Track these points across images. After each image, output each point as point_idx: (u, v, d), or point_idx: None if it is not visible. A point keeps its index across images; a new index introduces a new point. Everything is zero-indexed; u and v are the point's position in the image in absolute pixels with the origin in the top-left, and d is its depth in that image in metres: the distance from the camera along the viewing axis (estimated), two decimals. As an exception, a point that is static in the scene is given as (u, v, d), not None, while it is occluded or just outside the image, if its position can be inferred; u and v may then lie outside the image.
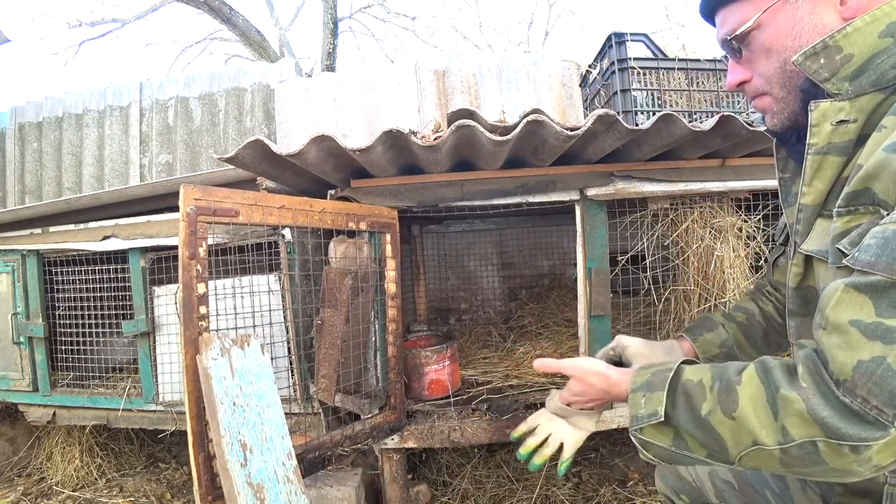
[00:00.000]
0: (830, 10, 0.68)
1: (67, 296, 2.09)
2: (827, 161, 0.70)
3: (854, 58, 0.66)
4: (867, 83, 0.66)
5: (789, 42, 0.71)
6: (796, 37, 0.71)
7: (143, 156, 3.44)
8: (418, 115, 3.04)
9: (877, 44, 0.65)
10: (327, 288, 1.60)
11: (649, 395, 0.74)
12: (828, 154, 0.70)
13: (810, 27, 0.70)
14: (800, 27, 0.70)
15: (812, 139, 0.70)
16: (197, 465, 1.05)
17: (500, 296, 3.11)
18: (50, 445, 2.34)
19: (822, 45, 0.67)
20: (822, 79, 0.68)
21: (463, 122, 1.28)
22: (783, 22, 0.71)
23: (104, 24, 7.40)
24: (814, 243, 0.74)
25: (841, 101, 0.68)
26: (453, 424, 1.64)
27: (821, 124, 0.69)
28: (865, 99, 0.67)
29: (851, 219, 0.63)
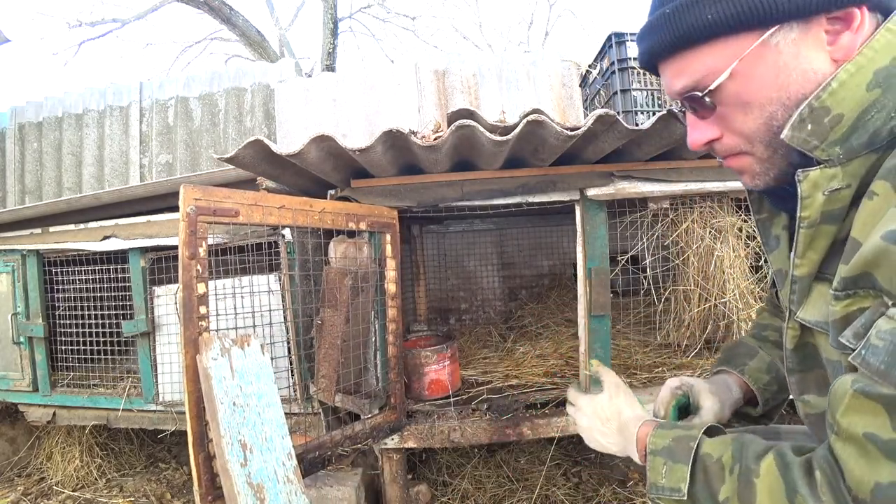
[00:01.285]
0: (818, 52, 0.58)
1: (67, 296, 2.09)
2: (820, 232, 0.63)
3: (844, 118, 0.57)
4: (859, 145, 0.58)
5: (774, 94, 0.60)
6: (782, 87, 0.60)
7: (143, 156, 3.44)
8: (418, 116, 3.04)
9: (865, 98, 0.56)
10: (327, 288, 1.60)
11: (671, 465, 0.70)
12: (822, 224, 0.63)
13: (799, 74, 0.59)
14: (786, 76, 0.59)
15: (804, 212, 0.62)
16: (197, 465, 1.05)
17: (500, 296, 3.11)
18: (50, 445, 2.34)
19: (808, 110, 0.58)
20: (811, 147, 0.60)
21: (463, 122, 1.28)
22: (764, 71, 0.60)
23: (104, 24, 7.40)
24: (812, 313, 0.68)
25: (832, 168, 0.59)
26: (453, 424, 1.64)
27: (812, 195, 0.61)
28: (858, 162, 0.59)
29: (852, 302, 0.57)
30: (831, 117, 0.57)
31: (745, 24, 0.58)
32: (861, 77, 0.56)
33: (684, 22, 0.60)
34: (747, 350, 1.04)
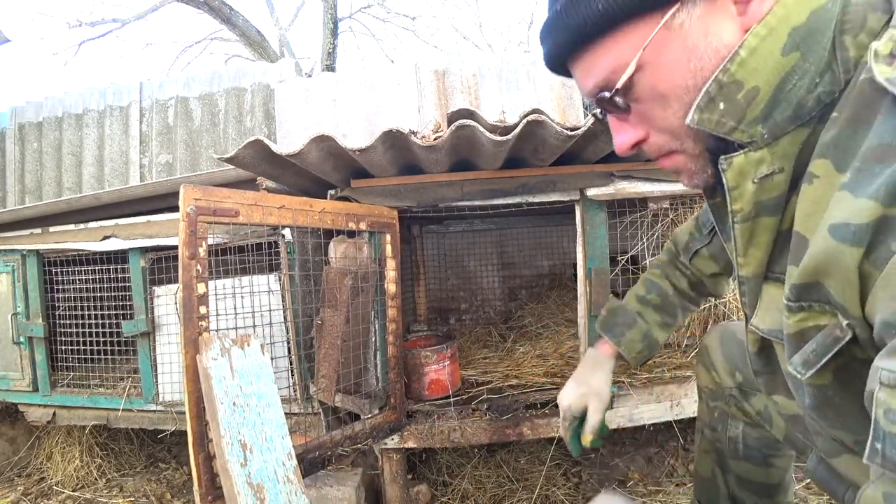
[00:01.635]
0: (729, 24, 0.50)
1: (67, 296, 2.09)
2: (759, 225, 0.56)
3: (760, 91, 0.50)
4: (783, 120, 0.51)
5: (690, 81, 0.53)
6: (696, 71, 0.52)
7: (143, 156, 3.44)
8: (418, 115, 3.04)
9: (782, 64, 0.48)
10: (327, 288, 1.60)
11: None
12: (759, 217, 0.56)
13: (712, 54, 0.51)
14: (697, 58, 0.52)
15: (735, 205, 0.55)
16: (197, 465, 1.05)
17: (500, 296, 3.11)
18: (50, 445, 2.34)
19: (716, 87, 0.50)
20: (727, 130, 0.52)
21: (463, 122, 1.28)
22: (673, 56, 0.52)
23: (104, 24, 7.41)
24: (765, 320, 0.61)
25: (758, 151, 0.52)
26: (453, 424, 1.63)
27: (740, 185, 0.54)
28: (787, 140, 0.51)
29: (806, 317, 0.50)
30: (745, 92, 0.50)
31: (641, 8, 0.51)
32: (774, 41, 0.48)
33: (578, 15, 0.53)
34: (627, 318, 1.12)
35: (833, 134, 0.47)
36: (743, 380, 1.03)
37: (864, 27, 0.46)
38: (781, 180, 0.53)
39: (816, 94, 0.49)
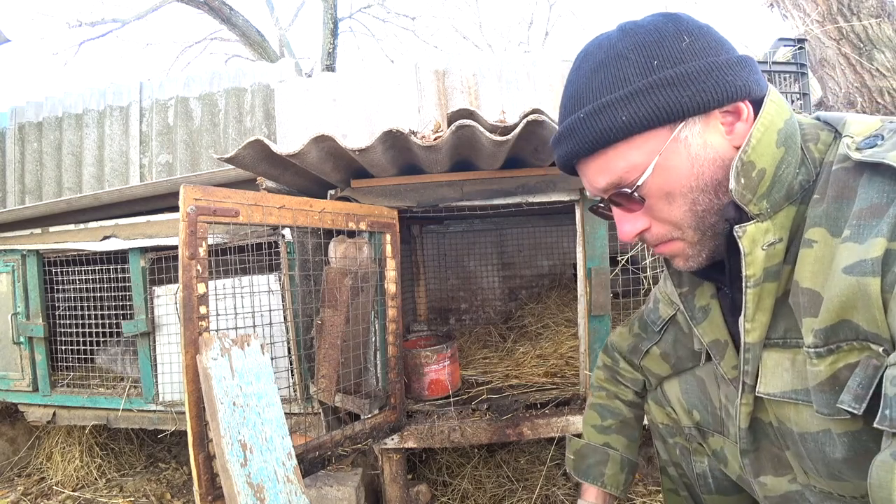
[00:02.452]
0: (721, 140, 0.63)
1: (67, 296, 2.09)
2: (765, 290, 0.64)
3: (766, 172, 0.61)
4: (780, 198, 0.62)
5: (693, 182, 0.64)
6: (699, 176, 0.64)
7: (143, 156, 3.44)
8: (418, 115, 3.04)
9: (776, 154, 0.61)
10: (327, 288, 1.60)
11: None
12: (765, 282, 0.64)
13: (709, 161, 0.63)
14: (699, 164, 0.63)
15: (749, 270, 0.63)
16: (197, 465, 1.05)
17: (500, 296, 3.11)
18: (50, 445, 2.34)
19: (739, 164, 0.61)
20: (746, 201, 0.62)
21: (463, 122, 1.28)
22: (679, 162, 0.63)
23: (104, 24, 7.40)
24: (775, 385, 0.66)
25: (764, 222, 0.62)
26: (453, 424, 1.63)
27: (753, 251, 0.63)
28: (783, 214, 0.63)
29: (836, 359, 0.55)
30: (757, 171, 0.61)
31: (656, 122, 0.62)
32: (770, 135, 0.61)
33: (600, 124, 0.63)
34: (598, 458, 1.10)
35: (823, 208, 0.58)
36: (701, 419, 1.01)
37: (819, 139, 0.63)
38: (781, 249, 0.63)
39: (799, 181, 0.62)
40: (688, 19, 0.64)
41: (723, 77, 0.61)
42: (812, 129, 0.64)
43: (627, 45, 0.63)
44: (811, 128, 0.65)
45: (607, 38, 0.66)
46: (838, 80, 2.49)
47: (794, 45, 1.97)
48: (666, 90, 0.61)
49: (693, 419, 1.03)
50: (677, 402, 1.06)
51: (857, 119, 0.61)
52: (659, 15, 0.65)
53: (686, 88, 0.61)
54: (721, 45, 0.63)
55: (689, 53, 0.61)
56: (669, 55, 0.61)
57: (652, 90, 0.61)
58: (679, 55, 0.61)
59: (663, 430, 1.12)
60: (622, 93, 0.62)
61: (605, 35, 0.67)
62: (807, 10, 2.51)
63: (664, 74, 0.61)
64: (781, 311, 0.64)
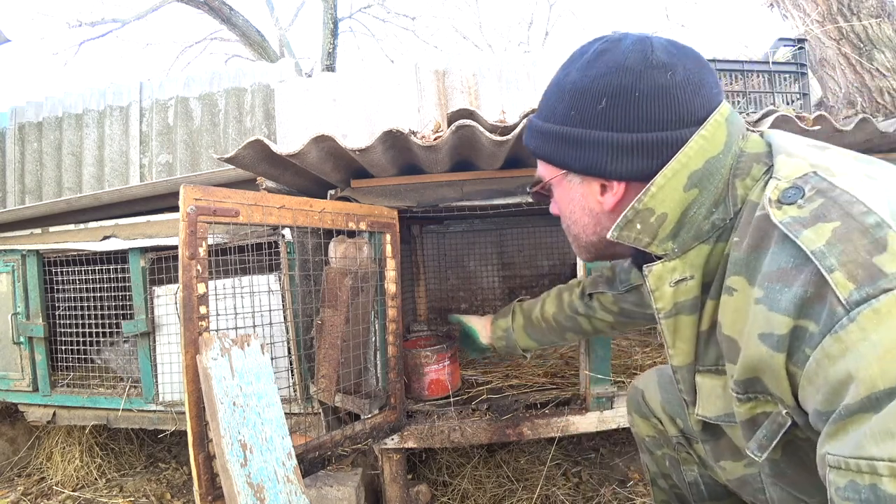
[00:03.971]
0: (595, 198, 0.72)
1: (67, 296, 2.09)
2: (681, 321, 0.70)
3: (668, 216, 0.66)
4: (689, 238, 0.66)
5: (567, 212, 0.78)
6: (574, 212, 0.77)
7: (143, 156, 3.44)
8: (418, 115, 3.04)
9: (683, 198, 0.65)
10: (327, 288, 1.60)
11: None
12: (679, 314, 0.70)
13: (584, 208, 0.75)
14: (576, 205, 0.75)
15: (658, 304, 0.70)
16: (197, 465, 1.05)
17: (500, 296, 3.11)
18: (50, 445, 2.34)
19: (632, 213, 0.67)
20: (645, 244, 0.69)
21: (463, 122, 1.28)
22: (564, 193, 0.77)
23: (104, 24, 7.40)
24: (710, 409, 0.72)
25: (671, 261, 0.68)
26: (453, 424, 1.63)
27: (660, 287, 0.69)
28: (693, 253, 0.66)
29: (754, 406, 0.62)
30: (657, 216, 0.66)
31: (552, 162, 0.75)
32: (677, 180, 0.64)
33: (533, 140, 0.78)
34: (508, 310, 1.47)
35: (740, 256, 0.60)
36: (685, 427, 1.05)
37: (750, 174, 0.64)
38: (694, 285, 0.67)
39: (712, 221, 0.65)
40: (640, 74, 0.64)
41: (598, 155, 0.68)
42: (747, 162, 0.64)
43: (576, 79, 0.70)
44: (749, 159, 0.65)
45: (577, 59, 0.72)
46: (838, 80, 2.49)
47: (794, 45, 1.97)
48: (563, 142, 0.71)
49: (678, 427, 1.07)
50: (661, 411, 1.11)
51: (789, 156, 0.60)
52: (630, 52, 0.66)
53: (571, 149, 0.70)
54: (644, 118, 0.65)
55: (593, 119, 0.68)
56: (582, 114, 0.68)
57: (559, 136, 0.72)
58: (586, 118, 0.68)
59: (650, 442, 1.16)
60: (548, 125, 0.74)
61: (586, 50, 0.72)
62: (807, 10, 2.51)
63: (569, 129, 0.70)
64: (712, 341, 0.68)
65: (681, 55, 0.66)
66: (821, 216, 0.51)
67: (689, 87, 0.64)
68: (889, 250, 0.46)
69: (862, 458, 0.44)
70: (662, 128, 0.65)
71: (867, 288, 0.46)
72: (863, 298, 0.46)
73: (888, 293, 0.45)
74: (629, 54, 0.66)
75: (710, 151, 0.63)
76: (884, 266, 0.46)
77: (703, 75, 0.66)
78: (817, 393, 0.50)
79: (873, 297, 0.45)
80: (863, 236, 0.48)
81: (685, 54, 0.66)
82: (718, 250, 0.65)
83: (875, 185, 0.52)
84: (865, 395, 0.45)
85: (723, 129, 0.64)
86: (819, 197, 0.53)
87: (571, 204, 0.76)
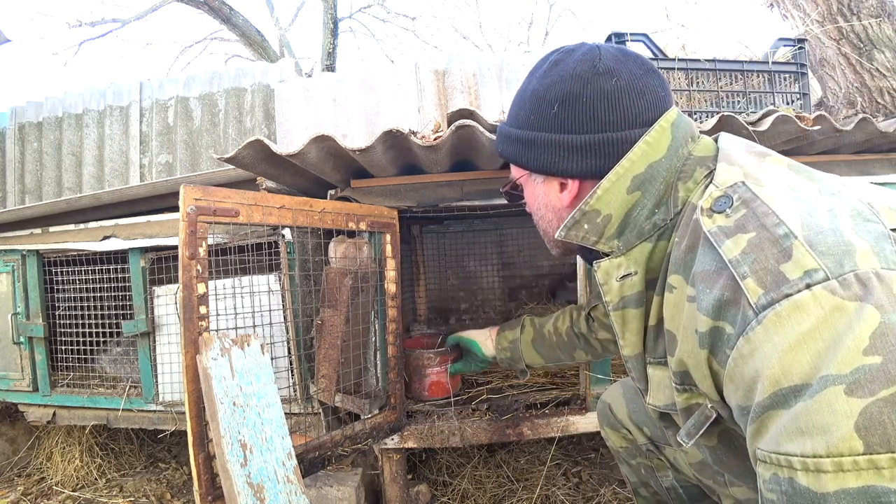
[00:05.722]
0: (556, 194, 0.78)
1: (67, 296, 2.09)
2: (628, 314, 0.74)
3: (613, 217, 0.71)
4: (632, 236, 0.71)
5: (535, 209, 0.85)
6: (539, 207, 0.83)
7: (143, 156, 3.44)
8: (418, 116, 3.04)
9: (627, 200, 0.70)
10: (327, 288, 1.60)
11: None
12: (626, 308, 0.74)
13: (544, 205, 0.82)
14: (540, 201, 0.82)
15: (606, 297, 0.75)
16: (197, 465, 1.05)
17: (500, 296, 3.11)
18: (50, 445, 2.34)
19: (579, 214, 0.73)
20: (591, 243, 0.74)
21: (463, 122, 1.28)
22: (531, 192, 0.84)
23: (104, 24, 7.40)
24: (658, 398, 0.76)
25: (617, 258, 0.72)
26: (453, 425, 1.63)
27: (608, 282, 0.74)
28: (637, 251, 0.71)
29: (689, 396, 0.66)
30: (602, 217, 0.72)
31: (517, 163, 0.82)
32: (620, 184, 0.69)
33: (498, 145, 0.87)
34: (516, 323, 1.43)
35: (679, 255, 0.64)
36: (651, 434, 1.10)
37: (692, 177, 0.68)
38: (637, 280, 0.72)
39: (653, 221, 0.70)
40: (587, 81, 0.71)
41: (552, 155, 0.74)
42: (692, 166, 0.69)
43: (535, 87, 0.76)
44: (694, 163, 0.69)
45: (538, 68, 0.79)
46: (838, 80, 2.49)
47: (794, 45, 1.97)
48: (524, 145, 0.78)
49: (646, 434, 1.14)
50: (629, 421, 1.16)
51: (729, 164, 0.64)
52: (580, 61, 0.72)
53: (530, 151, 0.77)
54: (591, 121, 0.71)
55: (548, 123, 0.74)
56: (539, 118, 0.75)
57: (521, 139, 0.79)
58: (542, 122, 0.75)
59: (624, 453, 1.21)
60: (513, 130, 0.81)
61: (545, 60, 0.78)
62: (807, 10, 2.50)
63: (529, 133, 0.77)
64: (660, 335, 0.71)
65: (627, 62, 0.71)
66: (741, 227, 0.56)
67: (633, 91, 0.70)
68: (793, 259, 0.50)
69: (780, 453, 0.47)
70: (608, 129, 0.70)
71: (772, 293, 0.50)
72: (769, 302, 0.50)
73: (789, 298, 0.48)
74: (578, 63, 0.72)
75: (653, 156, 0.69)
76: (788, 273, 0.50)
77: (647, 80, 0.71)
78: (737, 390, 0.54)
79: (777, 301, 0.49)
80: (773, 246, 0.52)
81: (631, 61, 0.72)
82: (661, 248, 0.70)
83: (793, 197, 0.56)
84: (771, 391, 0.49)
85: (667, 135, 0.69)
86: (742, 207, 0.57)
87: (537, 202, 0.83)
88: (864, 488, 0.42)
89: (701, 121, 1.81)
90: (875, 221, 0.52)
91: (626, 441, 1.18)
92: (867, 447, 0.42)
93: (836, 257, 0.49)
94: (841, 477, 0.43)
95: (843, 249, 0.49)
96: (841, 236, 0.50)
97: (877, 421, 0.43)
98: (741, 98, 1.90)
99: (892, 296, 0.46)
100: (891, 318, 0.45)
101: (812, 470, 0.45)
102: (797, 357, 0.47)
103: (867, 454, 0.42)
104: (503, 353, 1.43)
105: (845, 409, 0.44)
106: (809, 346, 0.47)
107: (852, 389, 0.44)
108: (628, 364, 0.82)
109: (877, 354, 0.44)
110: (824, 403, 0.45)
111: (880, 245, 0.49)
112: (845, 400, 0.44)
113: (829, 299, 0.47)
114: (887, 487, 0.41)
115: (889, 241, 0.50)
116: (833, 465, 0.44)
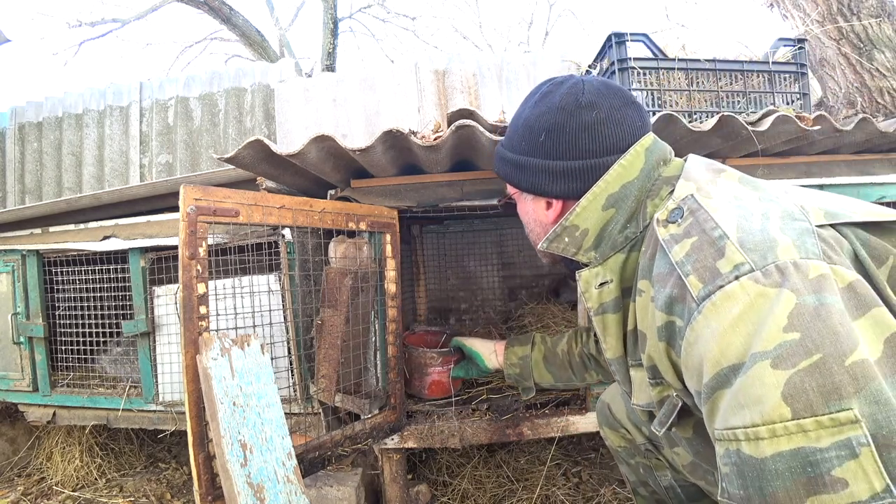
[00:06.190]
0: (543, 211, 0.87)
1: (67, 296, 2.09)
2: (608, 319, 0.81)
3: (590, 231, 0.80)
4: (607, 248, 0.80)
5: (526, 222, 0.94)
6: (528, 222, 0.93)
7: (143, 156, 3.44)
8: (418, 116, 3.04)
9: (602, 216, 0.78)
10: (327, 288, 1.59)
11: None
12: (605, 313, 0.81)
13: (533, 220, 0.91)
14: (530, 217, 0.91)
15: (588, 304, 0.83)
16: (197, 465, 1.05)
17: (500, 296, 3.11)
18: (50, 445, 2.34)
19: (560, 228, 0.82)
20: (571, 254, 0.83)
21: (463, 122, 1.28)
22: (522, 206, 0.93)
23: (104, 24, 7.40)
24: (640, 398, 0.82)
25: (595, 268, 0.80)
26: (453, 425, 1.63)
27: (588, 290, 0.81)
28: (612, 261, 0.79)
29: (662, 389, 0.73)
30: (580, 231, 0.80)
31: (510, 182, 0.92)
32: (597, 202, 0.78)
33: (496, 165, 0.96)
34: (526, 339, 1.45)
35: (644, 263, 0.72)
36: (649, 434, 1.12)
37: (658, 194, 0.77)
38: (614, 287, 0.79)
39: (625, 234, 0.78)
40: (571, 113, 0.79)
41: (539, 178, 0.84)
42: (659, 185, 0.77)
43: (527, 116, 0.85)
44: (661, 182, 0.77)
45: (531, 97, 0.87)
46: (838, 80, 2.49)
47: (794, 45, 1.96)
48: (517, 167, 0.88)
49: (644, 434, 1.15)
50: (627, 420, 1.18)
51: (686, 180, 0.72)
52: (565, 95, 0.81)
53: (521, 173, 0.87)
54: (573, 149, 0.80)
55: (537, 149, 0.84)
56: (529, 145, 0.85)
57: (514, 162, 0.88)
58: (532, 149, 0.84)
59: (623, 453, 1.22)
60: (508, 153, 0.91)
61: (537, 91, 0.87)
62: (807, 10, 2.50)
63: (520, 157, 0.87)
64: (638, 338, 0.76)
65: (608, 95, 0.80)
66: (687, 233, 0.64)
67: (612, 122, 0.78)
68: (726, 256, 0.57)
69: (727, 428, 0.53)
70: (588, 156, 0.79)
71: (709, 286, 0.57)
72: (707, 294, 0.57)
73: (721, 288, 0.56)
74: (564, 97, 0.80)
75: (626, 177, 0.77)
76: (721, 268, 0.57)
77: (625, 111, 0.80)
78: (691, 377, 0.60)
79: (713, 292, 0.56)
80: (710, 247, 0.59)
81: (612, 94, 0.80)
82: (633, 258, 0.77)
83: (735, 205, 0.63)
84: (713, 372, 0.55)
85: (640, 158, 0.77)
86: (690, 216, 0.65)
87: (527, 216, 0.92)
88: (796, 450, 0.47)
89: (701, 120, 1.80)
90: (802, 220, 0.59)
91: (624, 441, 1.19)
92: (794, 413, 0.48)
93: (761, 252, 0.55)
94: (775, 442, 0.48)
95: (768, 245, 0.56)
96: (767, 234, 0.57)
97: (799, 389, 0.48)
98: (741, 98, 1.90)
99: (807, 281, 0.52)
100: (805, 300, 0.50)
101: (752, 439, 0.50)
102: (731, 339, 0.53)
103: (795, 419, 0.47)
104: (512, 370, 1.44)
105: (773, 381, 0.49)
106: (740, 329, 0.53)
107: (777, 363, 0.49)
108: (612, 367, 0.87)
109: (795, 331, 0.50)
110: (756, 377, 0.50)
111: (802, 239, 0.56)
112: (772, 373, 0.49)
113: (753, 287, 0.53)
114: (814, 447, 0.46)
115: (811, 236, 0.56)
116: (768, 431, 0.49)
